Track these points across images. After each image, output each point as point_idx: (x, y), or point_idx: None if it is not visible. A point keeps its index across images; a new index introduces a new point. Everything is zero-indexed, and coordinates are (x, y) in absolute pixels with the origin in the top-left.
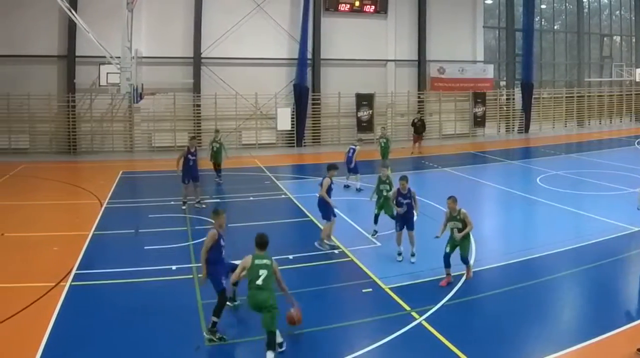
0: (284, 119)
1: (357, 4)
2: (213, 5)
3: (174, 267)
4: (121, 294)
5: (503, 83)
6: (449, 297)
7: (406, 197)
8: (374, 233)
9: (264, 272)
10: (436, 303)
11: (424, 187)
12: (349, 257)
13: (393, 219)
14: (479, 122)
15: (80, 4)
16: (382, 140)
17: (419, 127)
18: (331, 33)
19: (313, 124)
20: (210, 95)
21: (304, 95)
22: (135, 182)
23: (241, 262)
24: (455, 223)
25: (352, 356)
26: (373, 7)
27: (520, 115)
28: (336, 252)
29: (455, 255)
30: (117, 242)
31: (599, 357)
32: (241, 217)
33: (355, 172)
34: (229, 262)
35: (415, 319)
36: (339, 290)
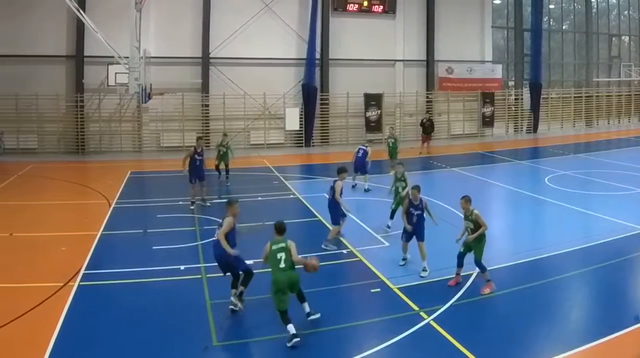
0: (293, 119)
1: (366, 4)
2: (221, 5)
3: (182, 267)
4: (129, 294)
5: (511, 83)
6: (458, 297)
7: (417, 208)
8: (388, 227)
9: (281, 255)
10: (445, 303)
11: (433, 187)
12: (357, 257)
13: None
14: (488, 122)
15: (89, 4)
16: (391, 141)
17: (428, 127)
18: (339, 33)
19: (321, 124)
20: (219, 95)
21: (312, 95)
22: (143, 182)
23: (264, 250)
24: (468, 224)
25: (361, 356)
26: (381, 7)
27: (528, 115)
28: (344, 252)
29: (470, 256)
30: (126, 242)
31: (608, 357)
32: (249, 217)
33: (364, 173)
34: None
35: (423, 319)
36: (347, 290)
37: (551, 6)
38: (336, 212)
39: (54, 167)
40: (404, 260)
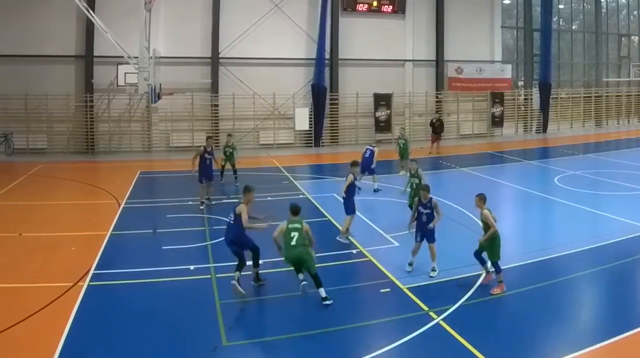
0: (302, 119)
1: (375, 4)
2: (231, 5)
3: (192, 267)
4: (139, 294)
5: (521, 83)
6: (467, 296)
7: (426, 207)
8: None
9: (295, 233)
10: (454, 303)
11: (442, 187)
12: (366, 257)
13: None
14: (497, 122)
15: (98, 4)
16: (401, 141)
17: (437, 127)
18: (349, 33)
19: (331, 124)
20: (228, 95)
21: (321, 95)
22: (153, 182)
23: (279, 226)
24: (481, 223)
25: (370, 356)
26: (391, 7)
27: (538, 115)
28: (354, 252)
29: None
30: (135, 242)
31: (617, 357)
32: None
33: (372, 173)
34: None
35: (433, 319)
36: (356, 290)
37: (561, 6)
38: (347, 203)
39: (63, 167)
40: (410, 265)
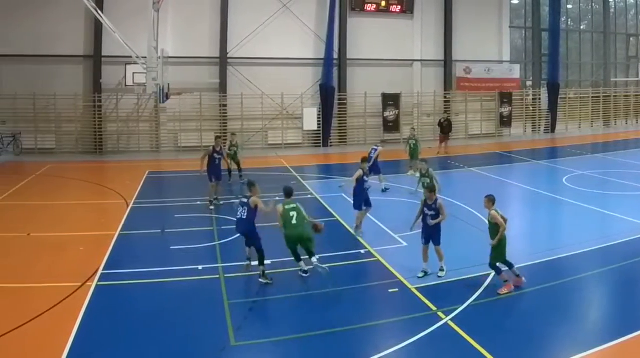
0: (310, 119)
1: (384, 4)
2: (239, 5)
3: (200, 267)
4: (147, 294)
5: (529, 83)
6: (475, 297)
7: (432, 208)
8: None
9: (293, 213)
10: (463, 303)
11: (450, 187)
12: (375, 257)
13: None
14: (505, 122)
15: (107, 4)
16: (412, 142)
17: (446, 127)
18: (357, 33)
19: (339, 124)
20: (237, 95)
21: (330, 95)
22: (161, 182)
23: (277, 210)
24: (489, 225)
25: (379, 356)
26: (399, 7)
27: (546, 115)
28: (362, 252)
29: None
30: (144, 242)
31: (626, 357)
32: (267, 216)
33: (378, 173)
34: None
35: (441, 319)
36: (365, 290)
37: (569, 6)
38: (356, 198)
39: (71, 167)
40: (423, 272)
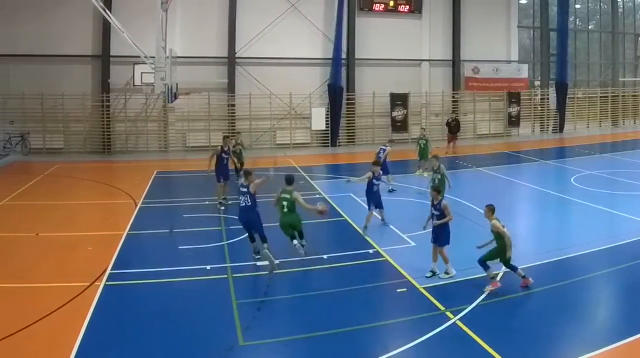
0: (319, 119)
1: (392, 4)
2: (248, 6)
3: (208, 267)
4: (156, 294)
5: (538, 83)
6: (484, 297)
7: (437, 209)
8: None
9: (285, 203)
10: (471, 304)
11: (459, 187)
12: (383, 257)
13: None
14: (514, 122)
15: (115, 4)
16: (422, 142)
17: (454, 127)
18: (366, 33)
19: (348, 124)
20: (245, 95)
21: (338, 95)
22: (169, 182)
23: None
24: (494, 235)
25: (387, 356)
26: (408, 7)
27: (554, 115)
28: (371, 252)
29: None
30: (152, 242)
31: (633, 357)
32: (275, 216)
33: (387, 173)
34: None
35: (450, 319)
36: (373, 290)
37: (577, 6)
38: (367, 199)
39: (80, 167)
40: (431, 272)
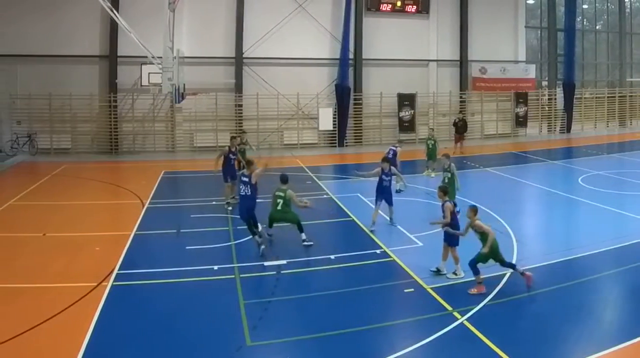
0: (326, 119)
1: (399, 4)
2: (255, 6)
3: (215, 267)
4: (163, 294)
5: (545, 83)
6: (491, 297)
7: (442, 209)
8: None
9: (280, 200)
10: (478, 304)
11: (466, 187)
12: (390, 257)
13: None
14: (521, 122)
15: (122, 4)
16: (430, 142)
17: (460, 127)
18: (373, 33)
19: (355, 124)
20: (252, 95)
21: (345, 95)
22: (177, 182)
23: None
24: (478, 235)
25: (394, 356)
26: (415, 7)
27: (562, 115)
28: (378, 252)
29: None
30: (159, 242)
31: None
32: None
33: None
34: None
35: (457, 319)
36: (380, 290)
37: (584, 6)
38: (379, 193)
39: (87, 167)
40: (436, 268)
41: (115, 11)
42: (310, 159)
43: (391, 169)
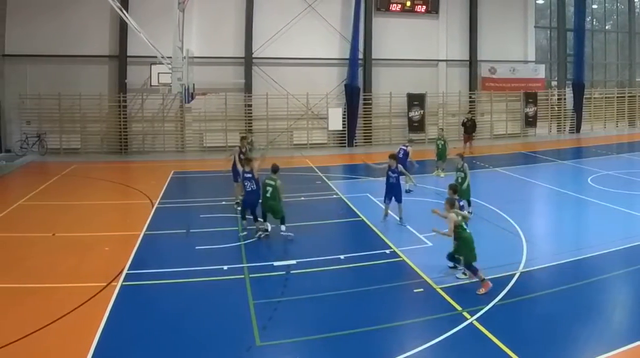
0: (336, 119)
1: (408, 3)
2: (264, 6)
3: (225, 267)
4: (172, 294)
5: (554, 83)
6: (501, 297)
7: None
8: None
9: (269, 188)
10: (488, 304)
11: (475, 187)
12: (400, 256)
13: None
14: (530, 122)
15: (132, 4)
16: (440, 142)
17: (469, 127)
18: (382, 33)
19: (364, 124)
20: (262, 95)
21: (355, 95)
22: (186, 182)
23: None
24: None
25: (404, 356)
26: (424, 7)
27: (571, 115)
28: (387, 252)
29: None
30: (169, 242)
31: None
32: (292, 216)
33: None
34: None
35: (466, 319)
36: (390, 290)
37: (594, 6)
38: (387, 190)
39: (96, 167)
40: (454, 264)
41: (124, 11)
42: (320, 159)
43: (398, 167)
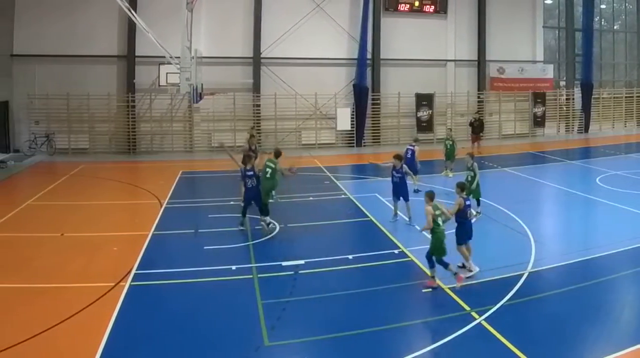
0: (344, 119)
1: (417, 4)
2: (272, 6)
3: (233, 267)
4: (181, 294)
5: (563, 83)
6: (509, 297)
7: None
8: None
9: (269, 169)
10: (496, 303)
11: (483, 187)
12: (408, 256)
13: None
14: (539, 122)
15: (140, 4)
16: (448, 142)
17: (477, 127)
18: (391, 33)
19: (373, 124)
20: (270, 95)
21: (363, 95)
22: (194, 182)
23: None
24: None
25: (412, 356)
26: (433, 7)
27: (579, 115)
28: (396, 252)
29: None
30: (177, 242)
31: None
32: (300, 216)
33: (415, 173)
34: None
35: (474, 319)
36: (398, 290)
37: (602, 6)
38: (393, 188)
39: (105, 167)
40: (462, 263)
41: (133, 11)
42: (328, 159)
43: (403, 167)
